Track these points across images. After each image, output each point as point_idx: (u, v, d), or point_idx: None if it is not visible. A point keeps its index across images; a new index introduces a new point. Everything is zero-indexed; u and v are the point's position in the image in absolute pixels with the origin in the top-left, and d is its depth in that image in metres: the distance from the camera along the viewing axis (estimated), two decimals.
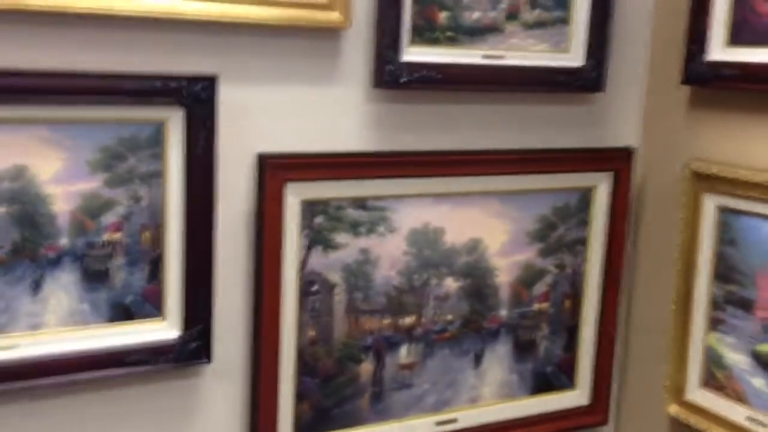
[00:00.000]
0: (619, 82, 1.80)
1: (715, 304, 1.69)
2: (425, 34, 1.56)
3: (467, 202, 1.67)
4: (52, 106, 1.29)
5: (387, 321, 1.63)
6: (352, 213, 1.56)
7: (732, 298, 1.66)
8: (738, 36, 1.60)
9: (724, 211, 1.66)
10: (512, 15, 1.64)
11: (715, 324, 1.69)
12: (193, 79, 1.37)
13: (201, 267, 1.43)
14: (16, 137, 1.27)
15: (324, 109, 1.53)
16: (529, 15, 1.66)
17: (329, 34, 1.50)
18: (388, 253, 1.60)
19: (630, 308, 1.91)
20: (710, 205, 1.67)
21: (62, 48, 1.30)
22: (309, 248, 1.53)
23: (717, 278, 1.68)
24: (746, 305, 1.63)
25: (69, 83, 1.29)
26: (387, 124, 1.59)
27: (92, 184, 1.33)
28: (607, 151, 1.80)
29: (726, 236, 1.66)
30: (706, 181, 1.67)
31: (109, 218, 1.36)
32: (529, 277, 1.76)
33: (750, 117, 1.63)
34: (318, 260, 1.54)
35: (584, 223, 1.80)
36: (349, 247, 1.56)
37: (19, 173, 1.28)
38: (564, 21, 1.69)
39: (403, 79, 1.54)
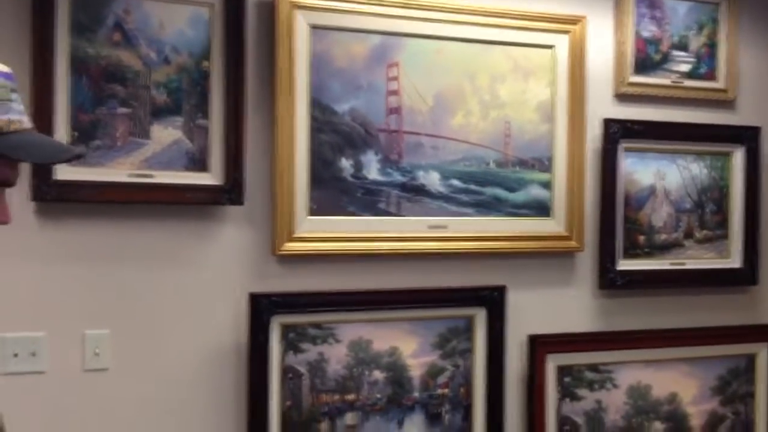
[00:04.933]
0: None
1: None
2: (630, 251, 2.33)
3: (665, 366, 2.35)
4: (410, 310, 2.09)
5: None
6: (588, 374, 2.27)
7: None
8: None
9: None
10: (688, 234, 2.39)
11: None
12: (492, 289, 2.16)
13: (495, 413, 2.16)
14: (392, 330, 2.08)
15: (567, 304, 2.29)
16: (700, 234, 2.40)
17: (569, 255, 2.28)
18: (614, 403, 2.29)
19: None
20: None
21: (416, 273, 2.12)
22: (561, 400, 2.24)
23: None
24: None
25: (421, 296, 2.11)
26: (608, 313, 2.34)
27: (432, 357, 2.11)
28: (764, 327, 2.46)
29: None
30: None
31: (442, 379, 2.12)
32: (711, 423, 2.40)
33: None
34: (567, 408, 2.24)
35: (750, 381, 2.44)
36: (587, 399, 2.27)
37: (393, 351, 2.08)
38: (725, 237, 2.42)
39: (618, 282, 2.30)
